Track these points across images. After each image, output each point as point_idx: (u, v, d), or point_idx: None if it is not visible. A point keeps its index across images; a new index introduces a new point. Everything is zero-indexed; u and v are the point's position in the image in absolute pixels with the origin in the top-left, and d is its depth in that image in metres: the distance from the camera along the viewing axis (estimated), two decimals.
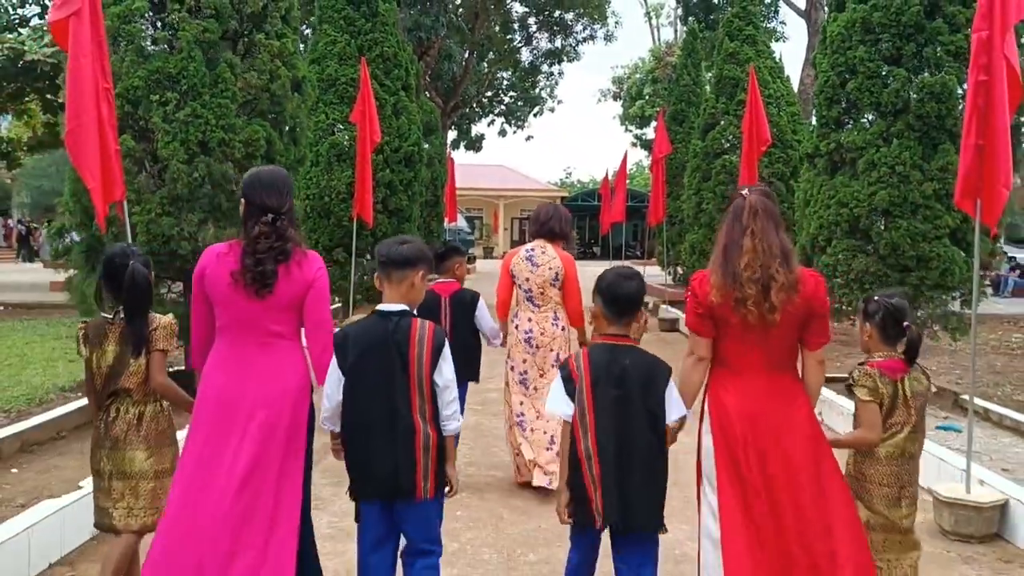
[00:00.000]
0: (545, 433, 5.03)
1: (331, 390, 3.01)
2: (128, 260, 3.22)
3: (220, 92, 6.35)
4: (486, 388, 7.33)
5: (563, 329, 5.16)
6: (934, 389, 3.56)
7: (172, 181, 6.19)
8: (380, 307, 3.03)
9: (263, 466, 2.91)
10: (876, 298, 3.34)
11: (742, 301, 2.80)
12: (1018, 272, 23.58)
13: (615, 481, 2.88)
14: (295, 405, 3.00)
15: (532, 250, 5.14)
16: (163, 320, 3.31)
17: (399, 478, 2.92)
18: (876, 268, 7.16)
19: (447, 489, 3.06)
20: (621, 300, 3.01)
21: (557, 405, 3.00)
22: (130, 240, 4.86)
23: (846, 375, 3.25)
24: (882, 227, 7.13)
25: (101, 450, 3.23)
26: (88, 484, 3.83)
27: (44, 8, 17.09)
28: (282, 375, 3.01)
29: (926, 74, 7.12)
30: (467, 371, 4.94)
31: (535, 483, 4.98)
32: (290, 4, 7.17)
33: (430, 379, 2.96)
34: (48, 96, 18.08)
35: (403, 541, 3.04)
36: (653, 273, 16.92)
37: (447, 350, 3.01)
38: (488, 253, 43.90)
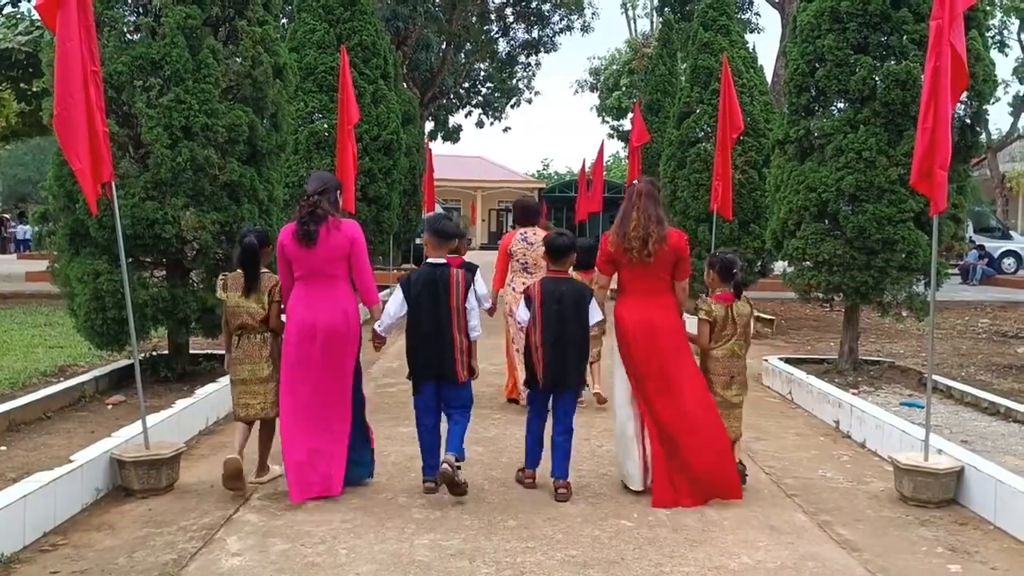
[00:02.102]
0: None
1: (393, 309, 4.73)
2: (245, 235, 4.88)
3: (203, 78, 6.44)
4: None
5: None
6: (756, 313, 5.59)
7: (156, 166, 6.28)
8: (428, 260, 4.81)
9: (331, 369, 4.64)
10: (716, 254, 5.15)
11: (629, 250, 4.67)
12: (986, 260, 24.03)
13: (552, 360, 4.73)
14: (349, 324, 4.68)
15: (526, 233, 7.00)
16: (276, 281, 4.89)
17: (444, 368, 4.70)
18: (844, 251, 7.37)
19: (473, 375, 4.84)
20: (557, 249, 4.94)
21: (522, 314, 4.90)
22: (116, 222, 4.95)
23: (818, 357, 4.80)
24: (849, 211, 7.34)
25: (244, 366, 4.86)
26: (80, 457, 4.66)
27: None
28: (339, 304, 4.66)
29: (892, 62, 7.32)
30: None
31: (522, 402, 6.67)
32: None
33: (464, 305, 4.72)
34: (22, 85, 17.94)
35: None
36: None
37: (474, 286, 4.79)
38: (467, 245, 43.80)
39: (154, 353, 7.41)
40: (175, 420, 5.70)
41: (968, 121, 7.29)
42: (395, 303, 4.74)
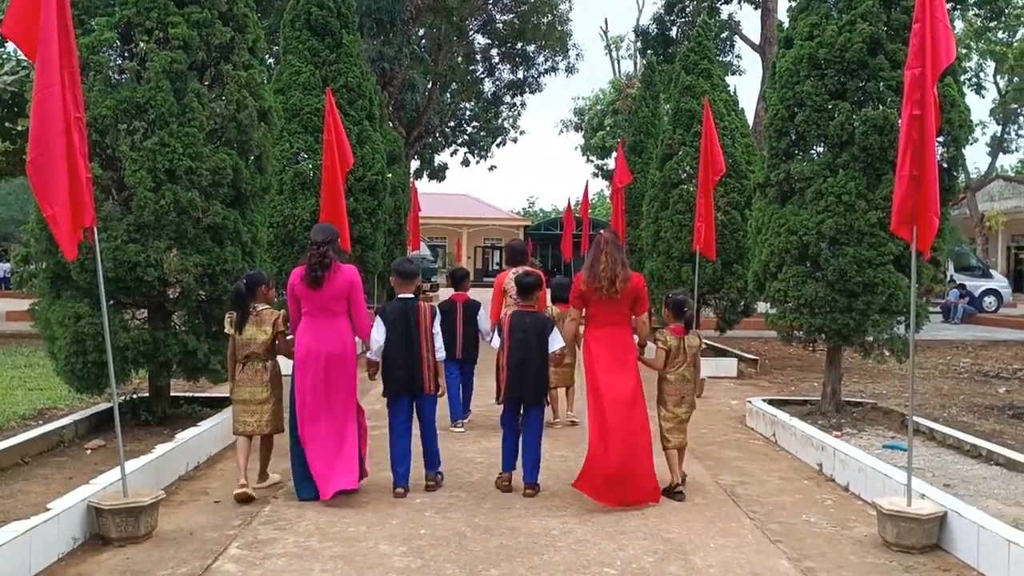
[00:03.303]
0: None
1: (378, 335, 5.61)
2: (238, 281, 5.88)
3: (188, 121, 6.46)
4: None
5: None
6: (704, 345, 6.46)
7: (139, 208, 6.27)
8: (399, 296, 5.76)
9: (335, 386, 5.53)
10: (670, 295, 6.08)
11: (599, 288, 5.54)
12: (967, 299, 24.22)
13: (513, 379, 5.70)
14: (346, 350, 5.57)
15: (518, 272, 7.29)
16: (280, 314, 5.72)
17: (414, 383, 5.64)
18: (825, 293, 7.42)
19: (439, 390, 5.76)
20: (525, 287, 6.01)
21: (495, 341, 6.07)
22: (98, 266, 4.93)
23: (801, 399, 5.24)
24: (830, 254, 7.40)
25: (244, 388, 5.66)
26: (57, 505, 4.60)
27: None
28: (339, 335, 5.55)
29: (869, 108, 7.44)
30: (472, 352, 7.73)
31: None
32: (257, 36, 7.32)
33: (431, 331, 5.69)
34: (7, 124, 17.96)
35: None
36: None
37: (438, 316, 5.79)
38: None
39: (134, 396, 7.34)
40: (154, 466, 5.63)
41: (945, 165, 7.39)
42: (379, 331, 5.65)
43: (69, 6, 4.69)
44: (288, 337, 5.76)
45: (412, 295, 5.79)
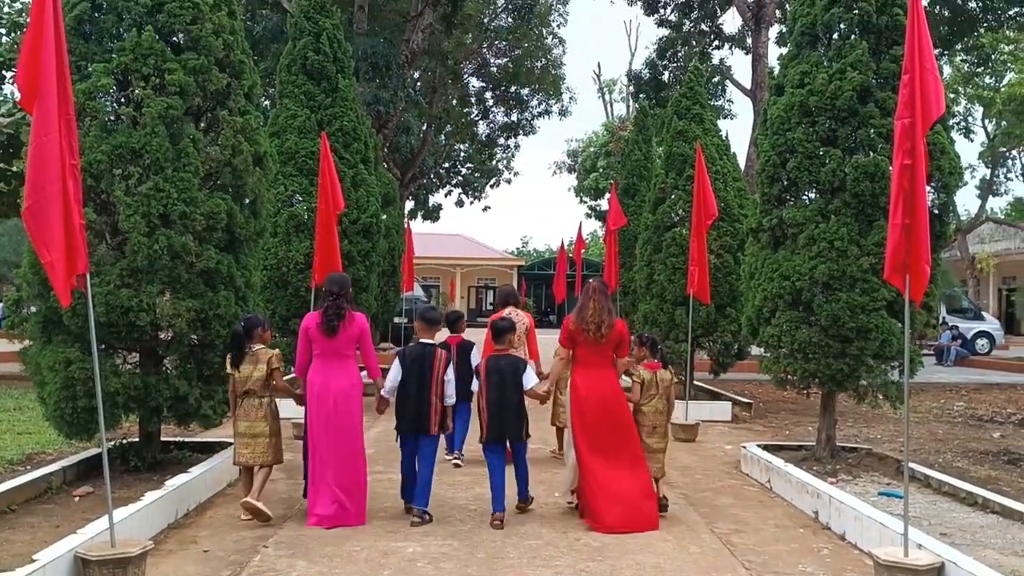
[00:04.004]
0: None
1: (393, 375, 6.15)
2: (238, 323, 6.30)
3: (183, 166, 6.48)
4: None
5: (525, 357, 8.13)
6: (676, 380, 6.96)
7: (132, 253, 6.26)
8: (421, 340, 6.33)
9: (343, 421, 6.01)
10: (645, 335, 6.91)
11: (586, 331, 6.10)
12: (960, 342, 24.26)
13: (493, 418, 6.13)
14: (354, 389, 6.08)
15: (509, 314, 8.04)
16: (274, 353, 6.22)
17: (420, 423, 6.08)
18: (818, 339, 7.42)
19: (445, 430, 6.33)
20: (498, 331, 6.47)
21: (474, 384, 6.55)
22: (90, 311, 4.91)
23: (796, 444, 5.59)
24: (823, 299, 7.42)
25: (242, 422, 6.14)
26: (43, 556, 4.51)
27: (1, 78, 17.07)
28: (347, 376, 6.07)
29: (860, 155, 7.50)
30: (466, 391, 7.56)
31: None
32: (253, 81, 7.37)
33: (443, 378, 6.14)
34: (2, 165, 17.97)
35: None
36: None
37: (451, 366, 6.24)
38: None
39: (124, 441, 7.27)
40: (143, 514, 5.56)
41: (936, 211, 7.44)
42: (395, 371, 6.17)
43: (66, 53, 4.73)
44: (282, 373, 6.28)
45: (431, 341, 6.34)
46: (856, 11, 7.66)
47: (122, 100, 6.69)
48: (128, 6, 6.59)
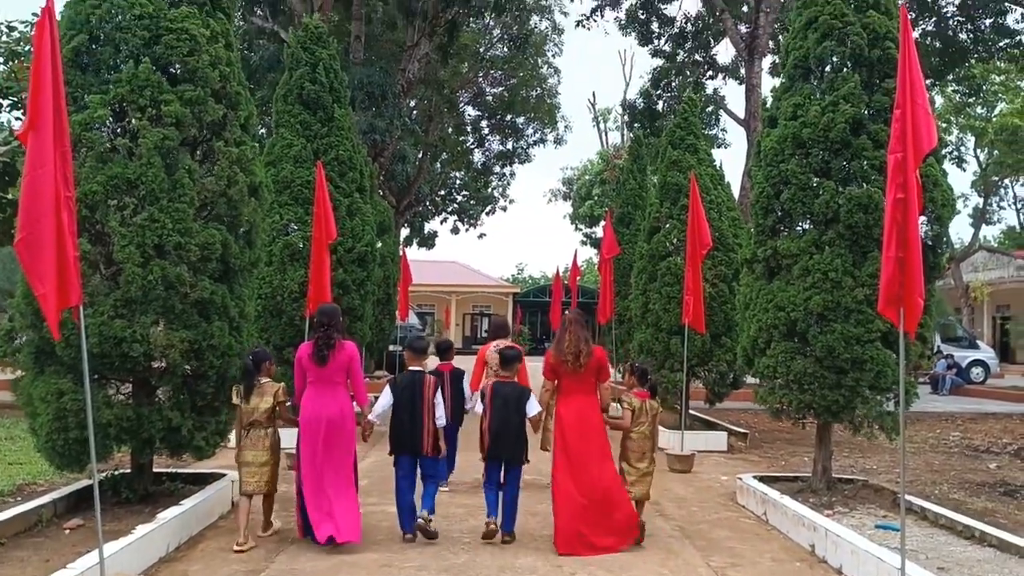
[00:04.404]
0: None
1: (383, 402, 6.50)
2: (246, 358, 6.62)
3: (178, 197, 6.48)
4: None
5: None
6: (661, 410, 7.36)
7: (126, 284, 6.24)
8: (410, 368, 6.70)
9: (334, 445, 6.25)
10: (635, 363, 7.25)
11: (565, 362, 6.37)
12: (955, 371, 24.27)
13: (495, 440, 6.45)
14: (344, 415, 6.34)
15: (499, 345, 8.08)
16: (280, 386, 6.56)
17: (415, 444, 6.42)
18: (814, 369, 7.42)
19: (439, 452, 6.54)
20: (506, 360, 6.83)
21: (479, 406, 6.81)
22: (83, 342, 4.90)
23: (792, 475, 5.58)
24: (818, 331, 7.42)
25: (248, 452, 6.42)
26: None
27: None
28: (338, 402, 6.31)
29: (854, 186, 7.55)
30: (457, 417, 7.99)
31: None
32: (249, 112, 7.40)
33: (433, 401, 6.47)
34: None
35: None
36: None
37: (440, 390, 6.59)
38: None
39: (116, 472, 7.21)
40: (134, 547, 5.50)
41: (930, 243, 7.47)
42: (385, 398, 6.52)
43: (63, 86, 4.75)
44: (288, 404, 6.57)
45: (420, 368, 6.71)
46: (848, 45, 7.74)
47: (118, 131, 6.69)
48: (125, 38, 6.61)
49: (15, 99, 16.40)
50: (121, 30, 6.62)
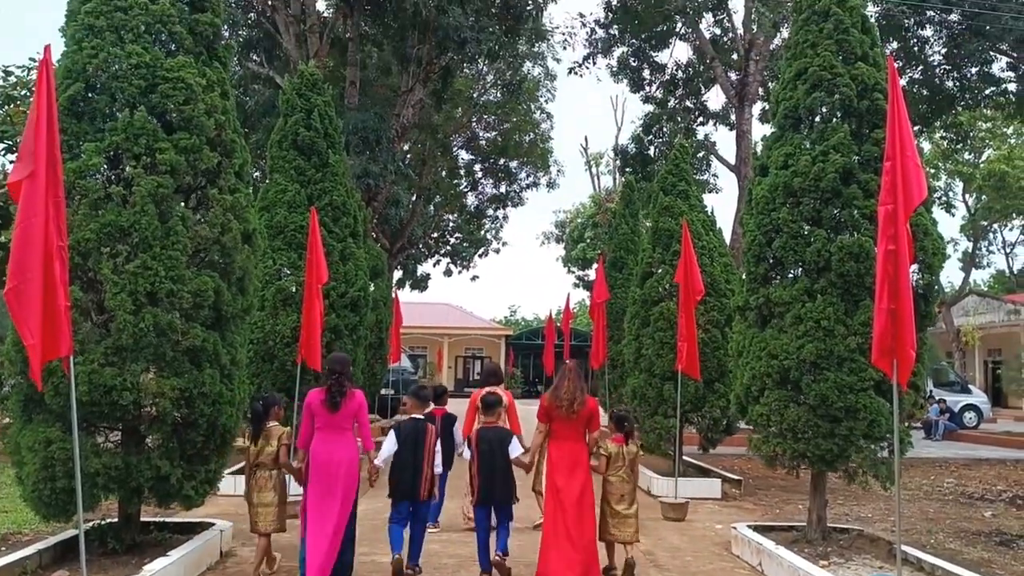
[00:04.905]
0: None
1: (388, 447, 6.78)
2: (254, 402, 7.04)
3: (171, 244, 6.48)
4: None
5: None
6: (641, 453, 7.85)
7: (118, 331, 6.22)
8: (412, 416, 7.06)
9: (341, 489, 6.33)
10: (614, 411, 7.59)
11: (560, 408, 6.54)
12: (948, 415, 24.23)
13: (484, 483, 6.79)
14: (352, 460, 6.44)
15: (491, 391, 7.90)
16: (285, 431, 6.85)
17: (414, 490, 6.72)
18: (807, 418, 7.40)
19: (432, 497, 6.98)
20: (488, 405, 7.14)
21: (466, 452, 7.25)
22: (72, 392, 4.87)
23: (787, 524, 5.61)
24: (811, 379, 7.41)
25: (255, 493, 6.76)
26: None
27: None
28: (347, 447, 6.45)
29: (845, 235, 7.59)
30: (447, 460, 8.18)
31: None
32: (243, 160, 7.43)
33: (433, 449, 6.86)
34: None
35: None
36: None
37: (439, 442, 7.00)
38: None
39: (102, 522, 7.11)
40: None
41: (921, 292, 7.50)
42: (389, 443, 6.79)
43: (57, 136, 4.77)
44: (287, 446, 6.81)
45: (422, 416, 7.07)
46: (837, 95, 7.85)
47: (112, 178, 6.71)
48: (122, 87, 6.66)
49: (9, 143, 16.45)
50: (117, 79, 6.67)
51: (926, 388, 12.28)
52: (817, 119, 8.11)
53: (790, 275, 7.99)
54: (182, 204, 6.87)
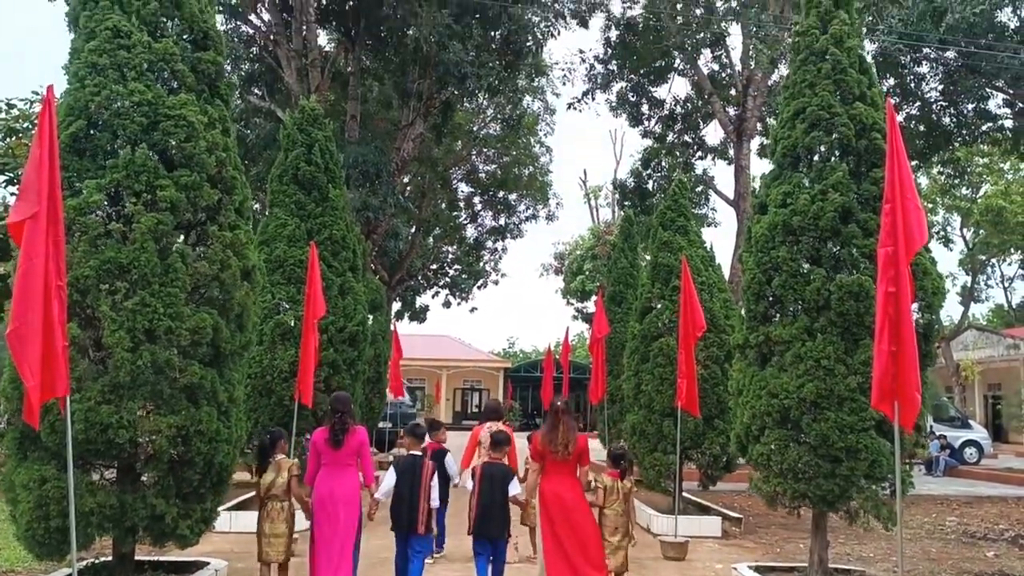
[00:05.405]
0: None
1: (388, 481, 6.96)
2: (262, 436, 7.35)
3: (170, 281, 6.47)
4: None
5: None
6: (636, 489, 8.03)
7: (115, 369, 6.19)
8: (411, 451, 7.24)
9: (344, 522, 6.70)
10: (612, 447, 7.96)
11: (553, 449, 6.76)
12: (948, 451, 24.12)
13: (481, 515, 7.01)
14: (355, 497, 6.79)
15: (491, 427, 8.55)
16: (293, 462, 7.14)
17: (411, 523, 6.90)
18: (808, 458, 7.35)
19: (430, 531, 7.08)
20: (496, 443, 7.38)
21: (468, 484, 7.58)
22: (68, 430, 4.83)
23: (788, 565, 6.85)
24: (811, 418, 7.37)
25: (266, 523, 6.98)
26: None
27: None
28: (349, 482, 6.83)
29: (844, 274, 7.59)
30: (443, 492, 8.03)
31: None
32: (244, 196, 7.43)
33: (430, 484, 7.02)
34: None
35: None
36: (595, 447, 16.92)
37: (436, 475, 7.14)
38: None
39: (96, 561, 7.03)
40: None
41: (922, 331, 7.48)
42: (389, 477, 7.01)
43: (58, 173, 4.78)
44: (297, 476, 7.06)
45: (419, 452, 7.27)
46: (836, 135, 7.90)
47: (113, 215, 6.71)
48: (124, 124, 6.68)
49: (11, 175, 16.52)
50: (119, 116, 6.70)
51: (927, 427, 12.22)
52: (816, 158, 8.14)
53: (790, 313, 7.98)
54: (182, 240, 6.87)
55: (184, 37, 7.35)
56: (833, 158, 7.97)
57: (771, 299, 7.98)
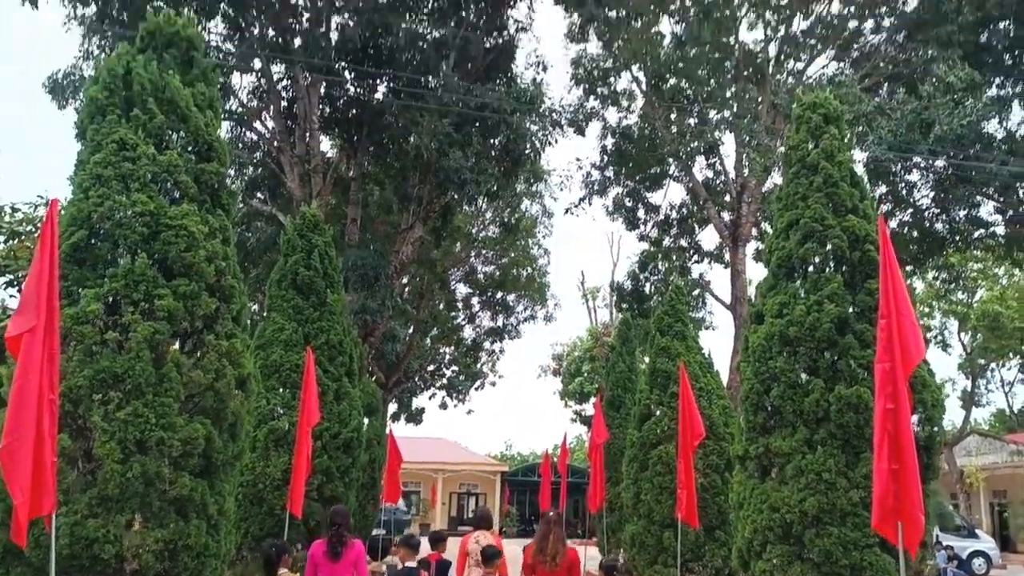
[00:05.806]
0: None
1: None
2: (267, 548, 6.97)
3: (164, 391, 6.42)
4: None
5: None
6: None
7: (104, 481, 6.08)
8: (405, 564, 7.57)
9: None
10: (604, 560, 8.04)
11: (543, 561, 6.98)
12: (956, 563, 23.51)
13: None
14: None
15: (479, 536, 8.28)
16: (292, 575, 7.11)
17: None
18: None
19: None
20: (487, 557, 7.32)
21: None
22: (52, 546, 4.71)
23: None
24: (814, 534, 7.22)
25: None
26: None
27: None
28: None
29: (843, 385, 7.55)
30: None
31: None
32: (242, 305, 7.46)
33: None
34: None
35: None
36: (592, 555, 16.50)
37: None
38: (424, 531, 42.33)
39: None
40: None
41: (923, 444, 7.39)
42: None
43: (57, 285, 4.80)
44: None
45: (415, 565, 7.48)
46: (830, 246, 8.00)
47: (110, 324, 6.70)
48: (125, 234, 6.75)
49: (11, 277, 16.59)
50: (121, 226, 6.77)
51: (933, 540, 11.97)
52: (810, 268, 8.23)
53: (789, 424, 7.90)
54: (177, 348, 6.85)
55: (189, 149, 7.51)
56: (827, 269, 8.06)
57: (770, 409, 7.93)
